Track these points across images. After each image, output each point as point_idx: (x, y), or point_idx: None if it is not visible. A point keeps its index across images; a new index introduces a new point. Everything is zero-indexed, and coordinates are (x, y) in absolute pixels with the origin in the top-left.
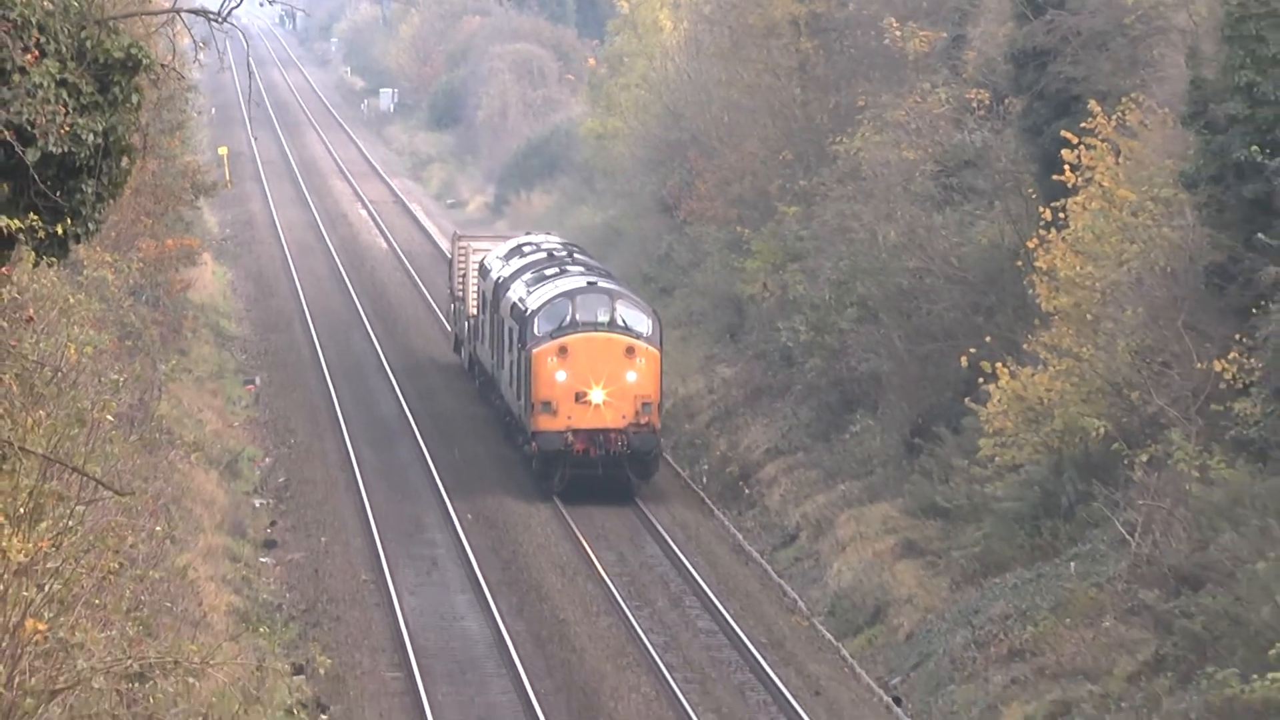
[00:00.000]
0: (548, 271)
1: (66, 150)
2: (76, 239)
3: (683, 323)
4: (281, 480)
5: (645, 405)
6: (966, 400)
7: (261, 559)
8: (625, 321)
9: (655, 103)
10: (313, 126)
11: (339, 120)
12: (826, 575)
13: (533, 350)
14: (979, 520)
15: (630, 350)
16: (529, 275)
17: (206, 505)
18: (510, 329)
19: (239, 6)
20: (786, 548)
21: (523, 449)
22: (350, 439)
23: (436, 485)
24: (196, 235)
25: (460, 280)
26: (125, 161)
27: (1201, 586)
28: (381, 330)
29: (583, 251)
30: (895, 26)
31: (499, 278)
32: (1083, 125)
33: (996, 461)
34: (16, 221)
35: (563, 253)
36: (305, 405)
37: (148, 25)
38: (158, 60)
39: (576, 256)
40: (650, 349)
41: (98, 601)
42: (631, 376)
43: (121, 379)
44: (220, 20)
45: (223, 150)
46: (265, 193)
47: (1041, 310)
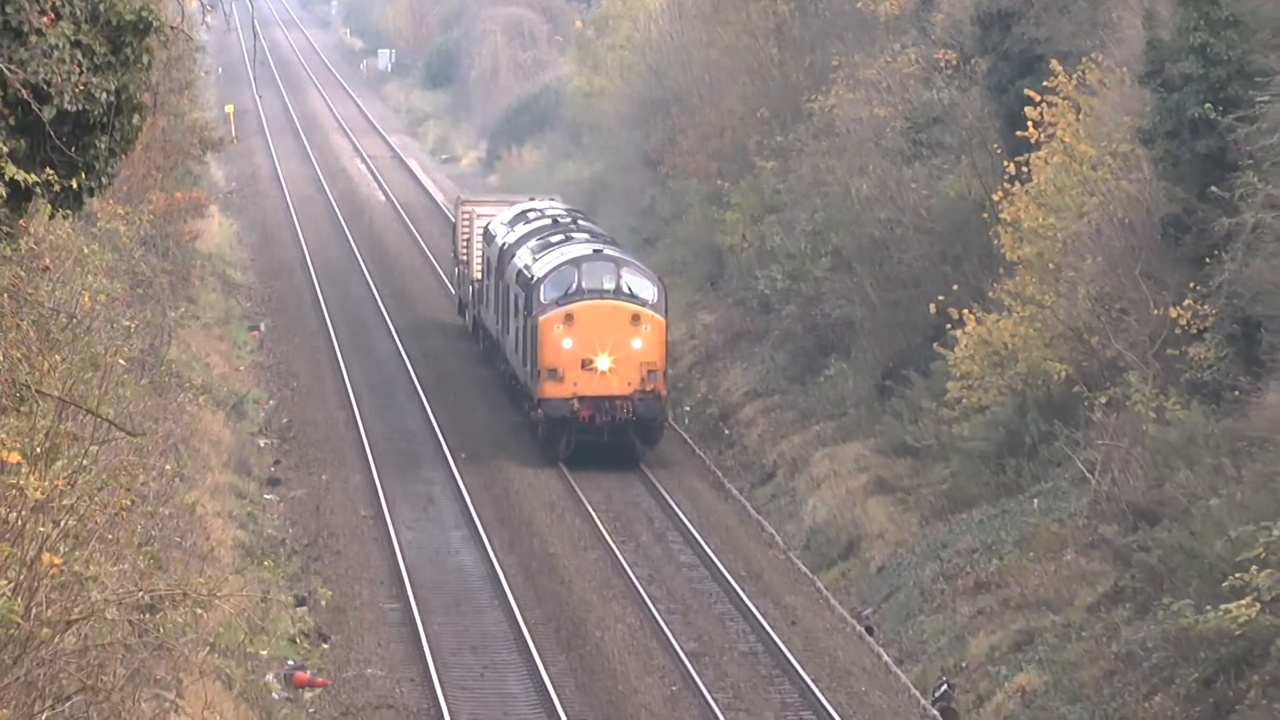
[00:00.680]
0: (553, 238)
1: (81, 108)
2: (90, 192)
3: (666, 272)
4: (285, 421)
5: (651, 372)
6: (935, 345)
7: (266, 496)
8: (631, 289)
9: (639, 63)
10: (314, 85)
11: (339, 79)
12: (802, 511)
13: (539, 317)
14: (947, 459)
15: (636, 318)
16: (534, 242)
17: (213, 445)
18: (516, 295)
19: None
20: (764, 485)
21: (529, 415)
22: (350, 381)
23: (432, 425)
24: (204, 189)
25: (464, 245)
26: (136, 119)
27: (1158, 522)
28: (379, 277)
29: (586, 217)
30: None
31: (504, 244)
32: (1045, 84)
33: (963, 403)
34: (33, 176)
35: (567, 219)
36: (307, 349)
37: None
38: (167, 22)
39: (581, 223)
40: (655, 316)
41: (110, 537)
42: (637, 343)
43: (133, 325)
44: None
45: (229, 108)
46: (269, 148)
47: (1006, 259)
